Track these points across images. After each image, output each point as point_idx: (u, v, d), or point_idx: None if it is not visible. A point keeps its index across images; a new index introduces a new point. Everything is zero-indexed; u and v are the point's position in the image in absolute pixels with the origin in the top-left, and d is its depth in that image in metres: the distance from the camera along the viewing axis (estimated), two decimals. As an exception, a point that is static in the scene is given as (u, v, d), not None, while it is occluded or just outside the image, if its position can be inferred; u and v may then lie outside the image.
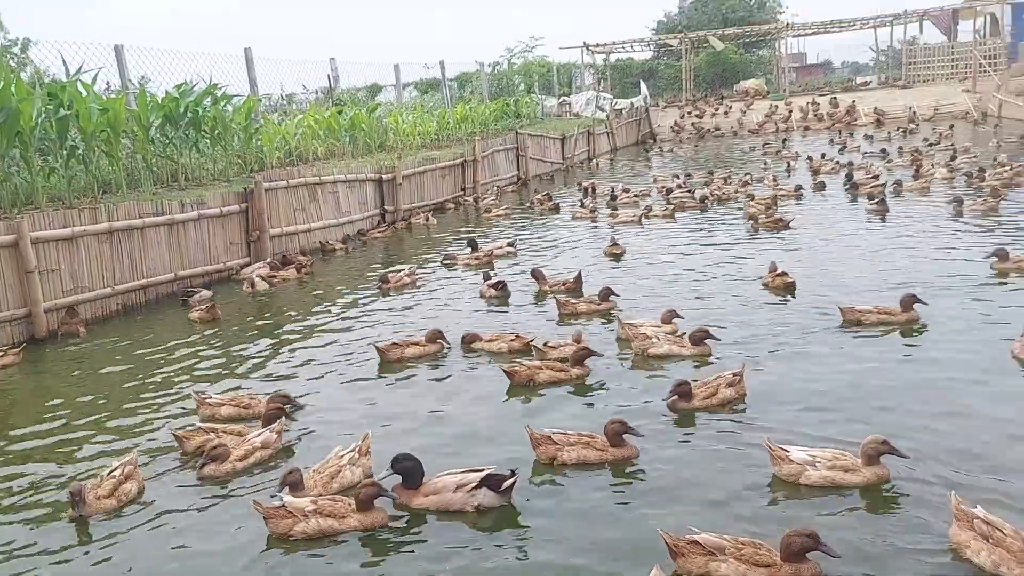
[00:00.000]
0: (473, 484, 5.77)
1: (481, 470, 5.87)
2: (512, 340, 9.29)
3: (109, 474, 6.28)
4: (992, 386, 7.10)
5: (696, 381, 7.35)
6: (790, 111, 44.02)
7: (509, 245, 15.68)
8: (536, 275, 12.30)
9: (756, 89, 51.01)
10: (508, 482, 5.77)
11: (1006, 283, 10.36)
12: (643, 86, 47.70)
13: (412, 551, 5.33)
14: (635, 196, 21.39)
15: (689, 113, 47.16)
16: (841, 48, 78.81)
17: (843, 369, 7.82)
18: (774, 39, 55.92)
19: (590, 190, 22.82)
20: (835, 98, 44.60)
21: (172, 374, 9.42)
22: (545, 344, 8.93)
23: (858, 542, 4.92)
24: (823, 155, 25.84)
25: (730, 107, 46.88)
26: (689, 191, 20.79)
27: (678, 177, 23.88)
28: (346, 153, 21.33)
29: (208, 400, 7.91)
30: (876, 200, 16.71)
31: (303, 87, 29.05)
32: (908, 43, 48.90)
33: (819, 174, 22.25)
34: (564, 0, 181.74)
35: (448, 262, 14.43)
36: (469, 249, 15.26)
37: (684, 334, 8.93)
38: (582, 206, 20.13)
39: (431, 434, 7.15)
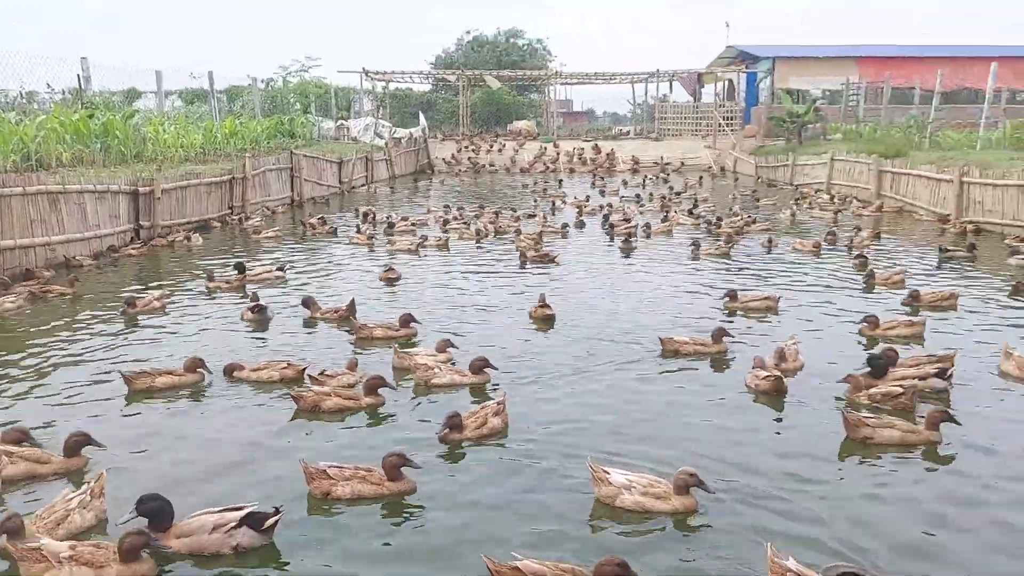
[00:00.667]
0: (232, 524, 5.38)
1: (241, 508, 5.50)
2: (284, 368, 8.88)
3: None
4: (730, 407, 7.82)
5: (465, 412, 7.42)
6: (558, 153, 46.46)
7: (279, 269, 15.06)
8: (307, 303, 11.87)
9: (527, 130, 53.41)
10: (271, 520, 5.46)
11: (733, 320, 11.46)
12: (422, 117, 48.24)
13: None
14: (412, 224, 21.44)
15: (466, 147, 48.32)
16: (603, 99, 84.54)
17: (607, 395, 8.26)
18: (544, 85, 58.98)
19: (368, 216, 22.57)
20: (597, 144, 47.71)
21: None
22: (321, 373, 8.62)
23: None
24: (587, 197, 27.44)
25: (504, 145, 48.64)
26: (464, 223, 21.26)
27: (453, 209, 24.32)
28: (97, 161, 19.49)
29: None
30: (624, 240, 18.03)
31: (47, 86, 26.20)
32: (660, 100, 53.41)
33: (582, 214, 23.54)
34: (343, 24, 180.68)
35: (129, 309, 11.93)
36: (235, 272, 14.47)
37: (454, 362, 9.03)
38: (359, 232, 19.84)
39: (186, 470, 6.63)
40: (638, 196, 28.91)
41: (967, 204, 20.56)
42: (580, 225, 21.16)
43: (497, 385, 8.58)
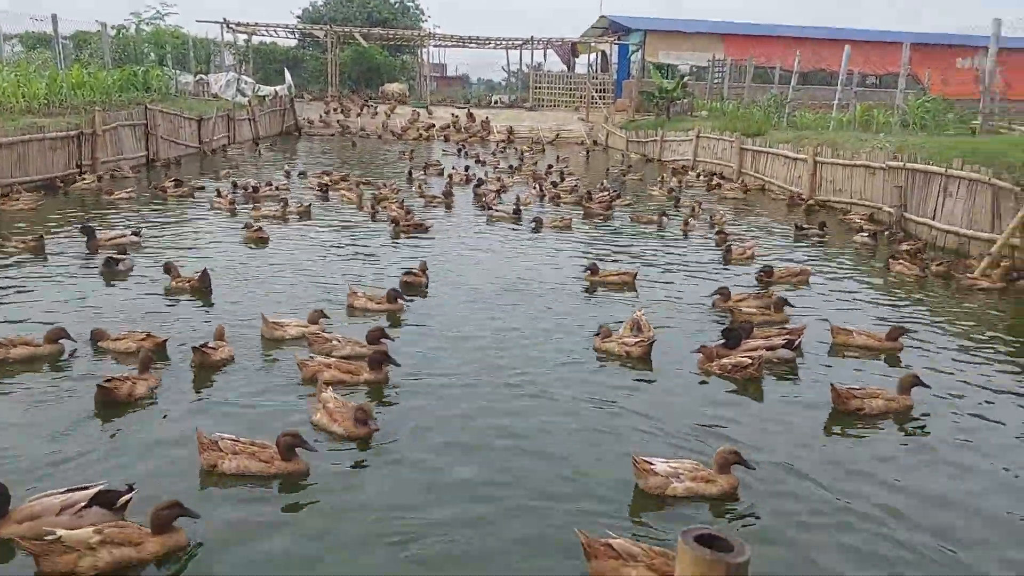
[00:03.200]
0: (82, 504, 5.07)
1: (91, 486, 5.19)
2: (142, 340, 8.41)
3: None
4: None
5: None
6: (432, 123, 45.80)
7: (134, 233, 14.20)
8: (167, 268, 11.28)
9: (399, 93, 52.36)
10: (124, 498, 5.18)
11: (596, 293, 11.76)
12: (287, 75, 46.40)
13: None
14: (278, 190, 20.67)
15: (335, 110, 46.91)
16: (478, 65, 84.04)
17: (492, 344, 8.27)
18: (417, 46, 57.87)
19: (230, 180, 21.58)
20: (471, 112, 47.42)
21: None
22: (205, 345, 8.17)
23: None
24: (467, 168, 27.20)
25: (376, 109, 47.55)
26: (350, 186, 20.80)
27: (328, 174, 23.66)
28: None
29: None
30: (505, 212, 18.05)
31: None
32: (534, 68, 53.60)
33: (454, 184, 23.33)
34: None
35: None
36: (84, 236, 13.53)
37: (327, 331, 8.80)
38: (220, 196, 18.95)
39: (42, 448, 6.19)
40: (511, 166, 29.00)
41: (819, 183, 21.76)
42: (448, 196, 20.89)
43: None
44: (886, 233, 16.93)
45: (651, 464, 5.85)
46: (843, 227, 18.21)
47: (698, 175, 28.18)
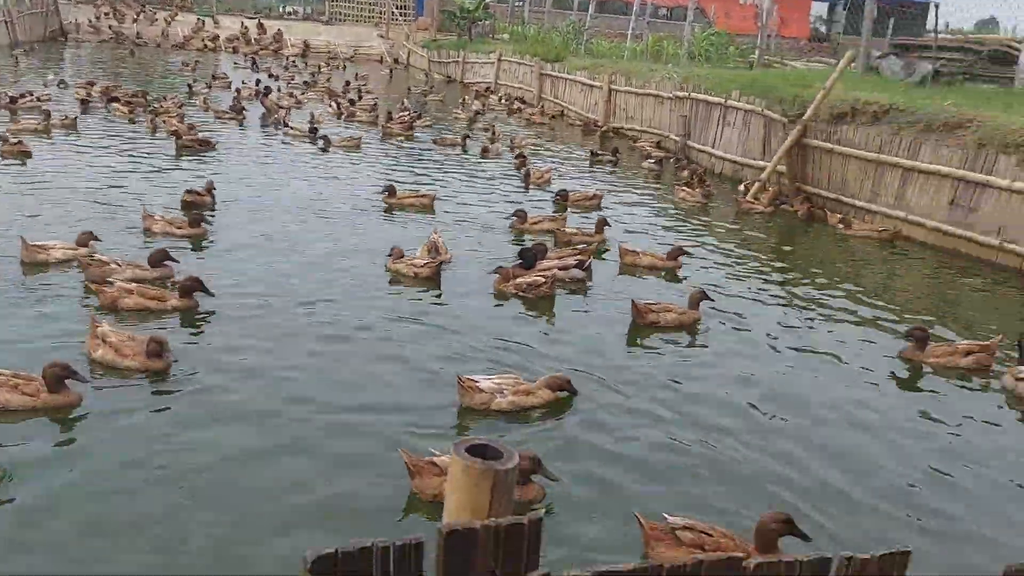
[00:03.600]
0: None
1: None
2: None
3: None
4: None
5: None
6: (218, 34, 42.56)
7: None
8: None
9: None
10: None
11: (394, 214, 11.55)
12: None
13: None
14: (39, 100, 18.46)
15: (107, 14, 42.39)
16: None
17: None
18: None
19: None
20: (262, 23, 44.56)
21: None
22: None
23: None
24: (258, 82, 25.52)
25: (155, 15, 43.48)
26: (115, 99, 18.86)
27: (92, 85, 21.42)
28: None
29: None
30: (300, 130, 17.22)
31: None
32: (331, -19, 51.04)
33: (243, 99, 21.90)
34: None
35: None
36: None
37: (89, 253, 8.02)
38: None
39: None
40: (306, 83, 27.65)
41: (614, 110, 22.48)
42: (240, 111, 19.61)
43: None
44: (672, 160, 17.84)
45: (476, 381, 5.88)
46: (634, 153, 18.98)
47: (500, 99, 28.24)
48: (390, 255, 8.98)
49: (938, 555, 4.60)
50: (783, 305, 8.95)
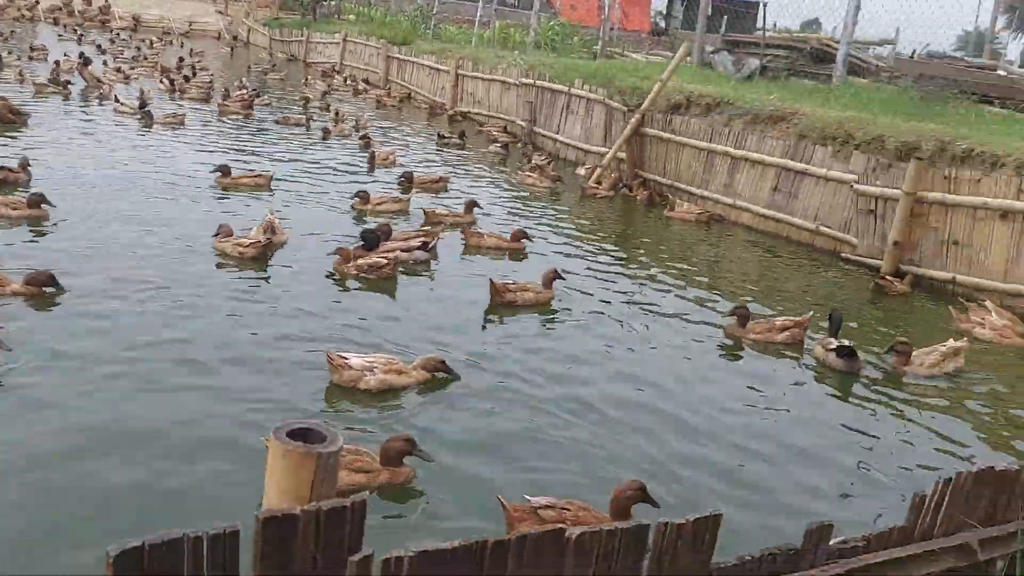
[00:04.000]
0: None
1: None
2: None
3: None
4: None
5: None
6: (37, 1, 39.19)
7: None
8: None
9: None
10: None
11: (227, 196, 11.04)
12: None
13: None
14: None
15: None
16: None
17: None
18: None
19: None
20: (88, -7, 41.50)
21: None
22: None
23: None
24: (81, 54, 23.61)
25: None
26: None
27: None
28: None
29: None
30: (129, 106, 16.14)
31: None
32: (166, -49, 48.13)
33: (62, 71, 20.24)
34: None
35: None
36: None
37: None
38: None
39: None
40: (134, 58, 25.97)
41: (461, 95, 22.45)
42: (63, 84, 18.16)
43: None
44: (518, 144, 18.02)
45: (346, 358, 5.79)
46: (481, 138, 19.04)
47: (345, 79, 27.60)
48: (216, 234, 8.58)
49: (748, 519, 4.83)
50: (622, 285, 9.22)
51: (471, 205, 11.21)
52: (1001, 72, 14.60)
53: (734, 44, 19.45)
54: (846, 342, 7.35)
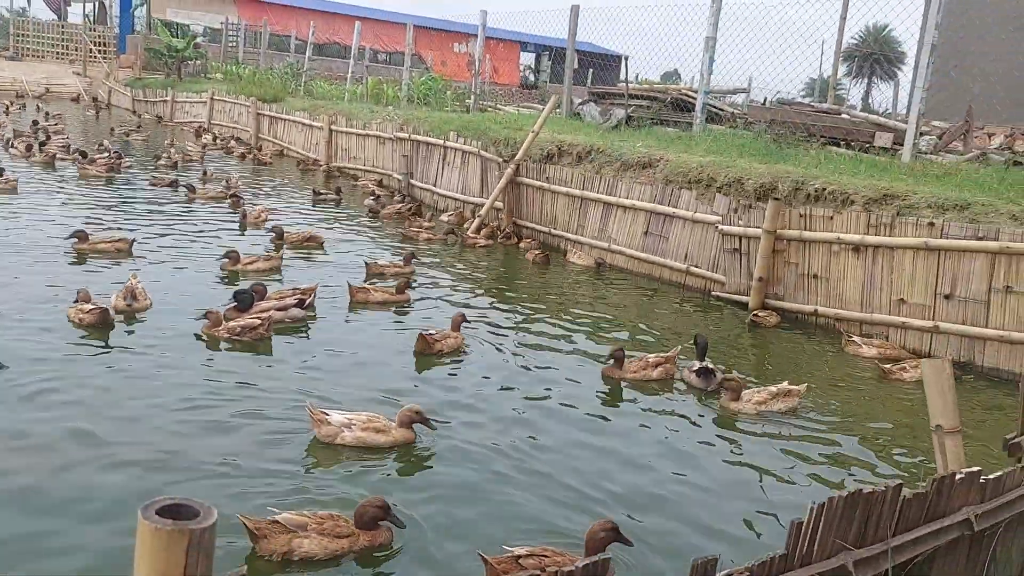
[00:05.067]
0: None
1: None
2: None
3: None
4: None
5: None
6: None
7: None
8: None
9: None
10: None
11: (87, 261, 10.56)
12: None
13: None
14: None
15: None
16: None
17: None
18: None
19: None
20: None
21: None
22: None
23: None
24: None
25: None
26: None
27: None
28: None
29: None
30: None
31: None
32: (16, 13, 46.23)
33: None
34: None
35: None
36: None
37: None
38: None
39: None
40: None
41: (336, 150, 22.30)
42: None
43: None
44: (395, 197, 17.98)
45: (326, 414, 5.97)
46: (357, 191, 18.91)
47: (214, 138, 26.94)
48: (76, 301, 8.11)
49: (633, 560, 4.85)
50: (506, 331, 9.27)
51: (409, 257, 11.55)
52: (845, 116, 15.70)
53: (600, 95, 20.22)
54: (709, 364, 7.82)
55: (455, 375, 7.74)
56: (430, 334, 8.03)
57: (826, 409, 7.69)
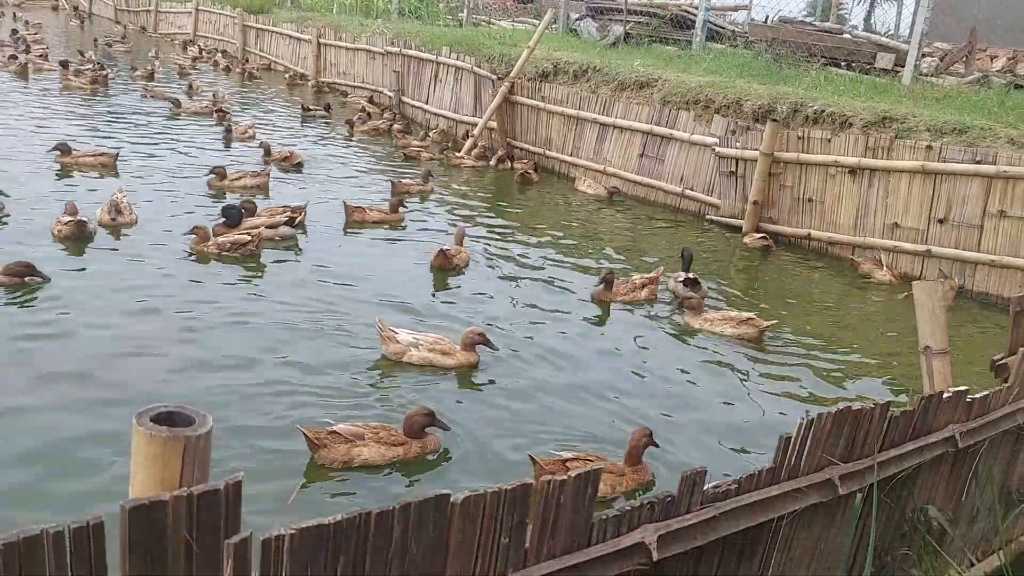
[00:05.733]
0: None
1: None
2: None
3: None
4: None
5: None
6: None
7: None
8: None
9: None
10: None
11: (72, 175, 10.43)
12: None
13: None
14: None
15: None
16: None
17: None
18: None
19: None
20: None
21: None
22: None
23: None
24: None
25: None
26: None
27: None
28: None
29: None
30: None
31: None
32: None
33: None
34: None
35: None
36: None
37: None
38: None
39: None
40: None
41: (324, 65, 21.80)
42: None
43: None
44: (384, 115, 17.65)
45: (395, 332, 6.02)
46: (347, 108, 18.58)
47: (200, 51, 26.26)
48: (65, 213, 8.02)
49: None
50: (499, 252, 9.26)
51: (427, 175, 11.78)
52: (847, 35, 15.38)
53: (598, 11, 19.70)
54: (691, 275, 8.14)
55: (484, 292, 7.92)
56: (447, 249, 8.14)
57: (820, 333, 7.78)
